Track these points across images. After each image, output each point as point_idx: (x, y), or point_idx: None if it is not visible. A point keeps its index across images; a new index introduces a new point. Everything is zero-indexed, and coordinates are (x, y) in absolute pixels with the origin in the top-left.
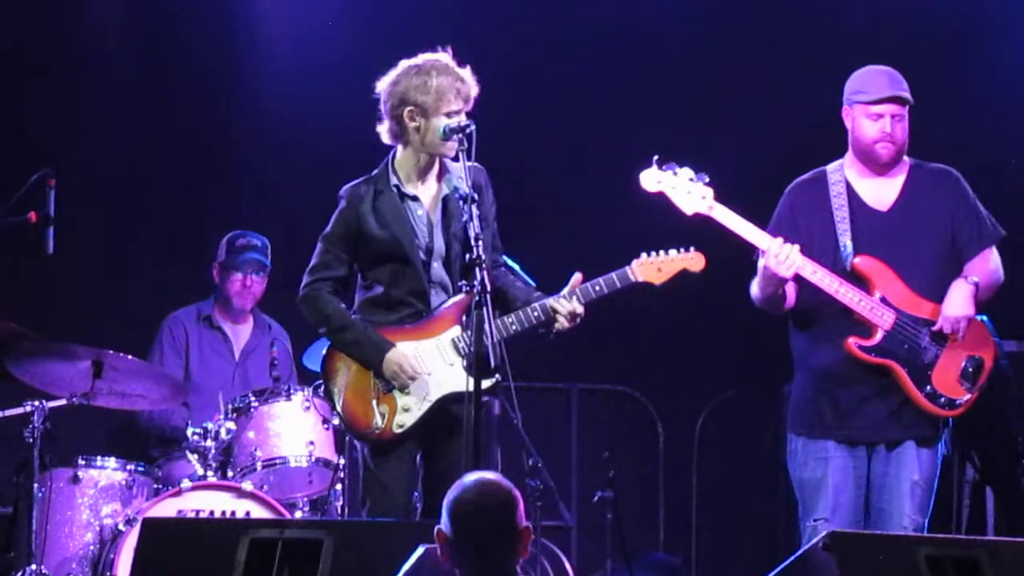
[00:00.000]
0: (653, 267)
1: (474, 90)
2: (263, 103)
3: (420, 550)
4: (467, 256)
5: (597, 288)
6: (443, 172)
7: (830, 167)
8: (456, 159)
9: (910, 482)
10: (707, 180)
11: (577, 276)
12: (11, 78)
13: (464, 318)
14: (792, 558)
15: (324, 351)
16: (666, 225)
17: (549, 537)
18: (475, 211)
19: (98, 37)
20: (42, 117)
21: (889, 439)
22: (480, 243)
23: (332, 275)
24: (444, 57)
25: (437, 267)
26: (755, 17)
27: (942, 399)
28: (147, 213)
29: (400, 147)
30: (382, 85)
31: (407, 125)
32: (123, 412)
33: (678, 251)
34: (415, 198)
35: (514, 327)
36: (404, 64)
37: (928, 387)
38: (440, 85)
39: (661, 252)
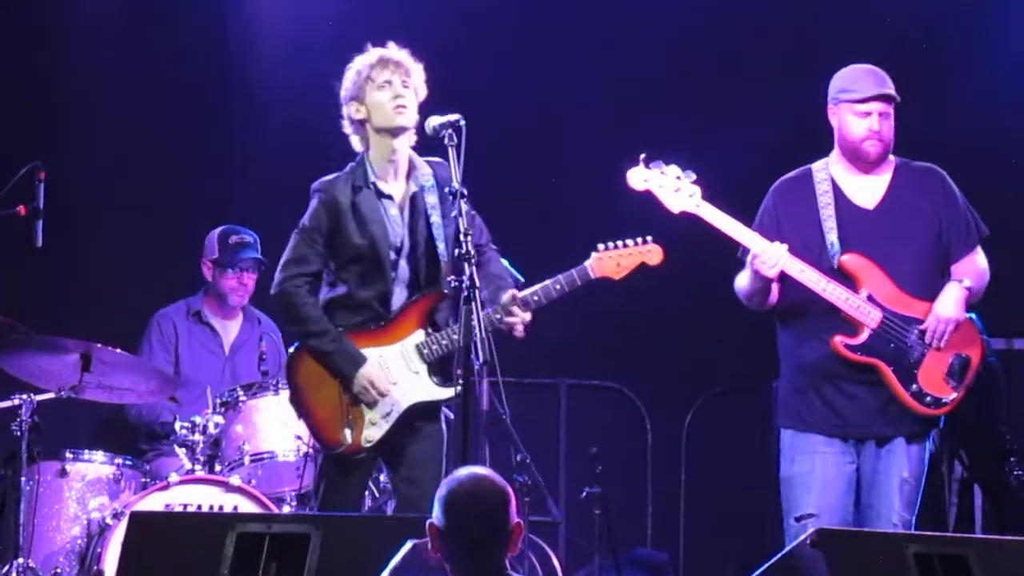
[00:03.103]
0: (612, 261)
1: (408, 63)
2: (255, 97)
3: (408, 545)
4: (456, 252)
5: (558, 287)
6: (412, 169)
7: (815, 165)
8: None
9: (899, 479)
10: (694, 178)
11: (511, 292)
12: (0, 70)
13: (427, 322)
14: (780, 555)
15: (288, 355)
16: (656, 221)
17: (537, 532)
18: (464, 206)
19: (89, 29)
20: (32, 110)
21: (879, 435)
22: (469, 238)
23: (308, 270)
24: (372, 48)
25: (404, 265)
26: (747, 14)
27: (928, 398)
28: (137, 206)
29: (372, 146)
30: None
31: (357, 121)
32: (111, 406)
33: (635, 243)
34: (389, 196)
35: (456, 337)
36: None
37: (914, 386)
38: (362, 69)
39: (619, 243)
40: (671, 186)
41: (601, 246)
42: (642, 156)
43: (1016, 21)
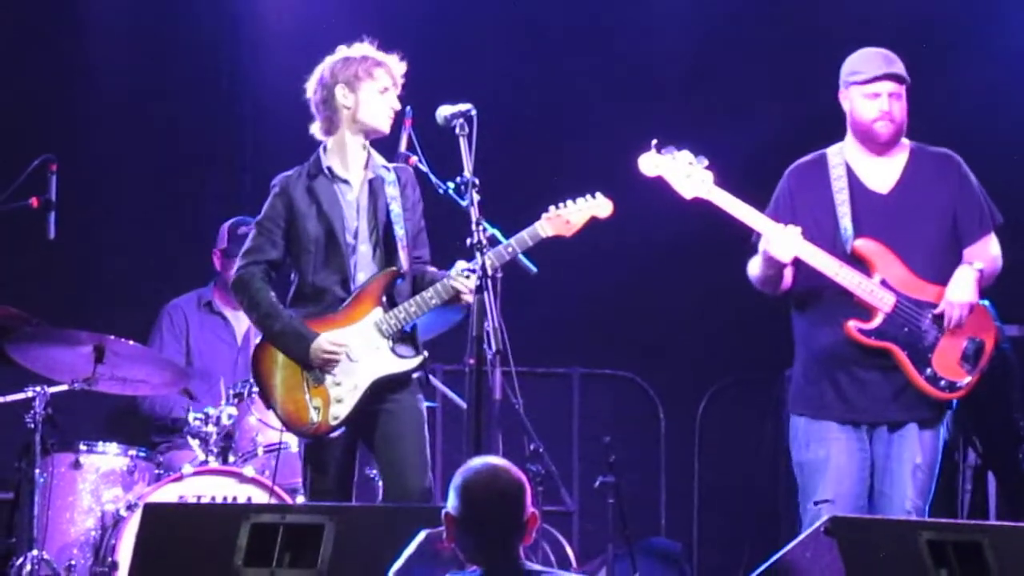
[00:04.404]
0: (561, 220)
1: (400, 69)
2: (265, 88)
3: (422, 535)
4: (467, 241)
5: (509, 250)
6: (369, 158)
7: (830, 149)
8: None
9: (912, 465)
10: (706, 164)
11: (459, 264)
12: (13, 63)
13: (384, 299)
14: (794, 542)
15: (254, 345)
16: (667, 208)
17: (551, 522)
18: (476, 197)
19: (100, 25)
20: (44, 102)
21: (891, 420)
22: (482, 228)
23: (264, 258)
24: (363, 45)
25: (364, 249)
26: (757, 5)
27: (942, 382)
28: (149, 198)
29: (331, 139)
30: (310, 84)
31: (339, 105)
32: (125, 397)
33: (584, 199)
34: (345, 181)
35: (413, 309)
36: (326, 59)
37: (928, 370)
38: (366, 64)
39: (568, 202)
40: (683, 172)
41: (552, 207)
42: (654, 142)
43: (1017, 17)
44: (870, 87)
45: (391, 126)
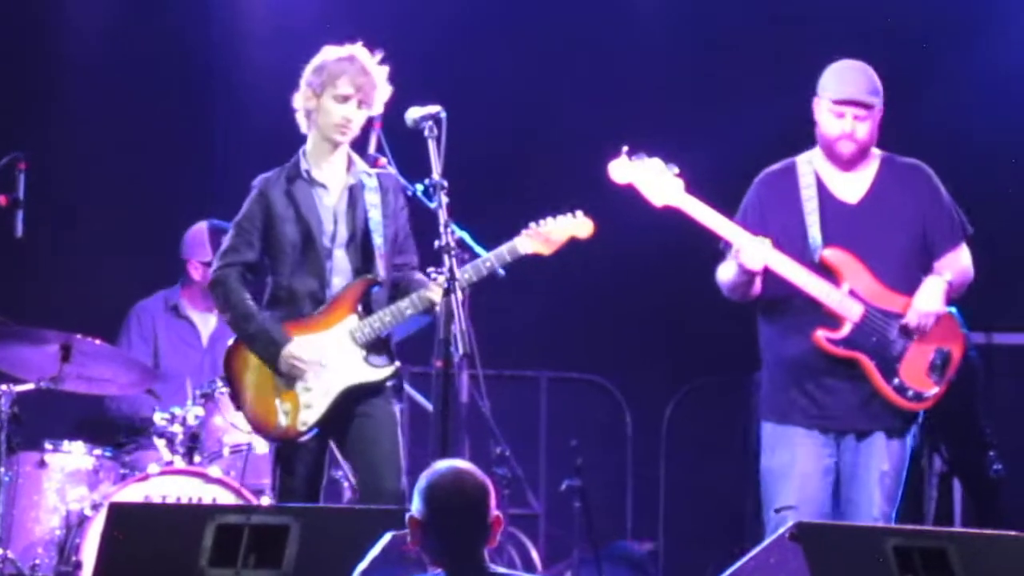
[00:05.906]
0: (541, 237)
1: (376, 83)
2: (239, 88)
3: (387, 537)
4: (435, 244)
5: (488, 264)
6: (351, 164)
7: (800, 158)
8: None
9: (879, 472)
10: (677, 171)
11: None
12: None
13: (359, 307)
14: (759, 547)
15: (228, 345)
16: (638, 213)
17: (516, 525)
18: (445, 199)
19: (72, 21)
20: (13, 100)
21: (859, 429)
22: (451, 230)
23: (241, 259)
24: (354, 48)
25: (340, 255)
26: (743, 7)
27: (909, 392)
28: (118, 197)
29: (309, 137)
30: None
31: (304, 107)
32: (91, 397)
33: (566, 216)
34: (323, 185)
35: (388, 319)
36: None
37: (896, 380)
38: (333, 68)
39: (549, 219)
40: (654, 179)
41: (533, 224)
42: (625, 148)
43: (1015, 20)
44: (836, 106)
45: (355, 135)
